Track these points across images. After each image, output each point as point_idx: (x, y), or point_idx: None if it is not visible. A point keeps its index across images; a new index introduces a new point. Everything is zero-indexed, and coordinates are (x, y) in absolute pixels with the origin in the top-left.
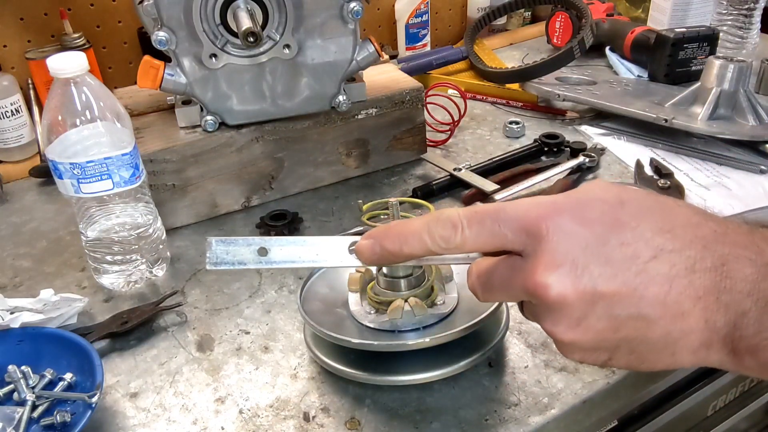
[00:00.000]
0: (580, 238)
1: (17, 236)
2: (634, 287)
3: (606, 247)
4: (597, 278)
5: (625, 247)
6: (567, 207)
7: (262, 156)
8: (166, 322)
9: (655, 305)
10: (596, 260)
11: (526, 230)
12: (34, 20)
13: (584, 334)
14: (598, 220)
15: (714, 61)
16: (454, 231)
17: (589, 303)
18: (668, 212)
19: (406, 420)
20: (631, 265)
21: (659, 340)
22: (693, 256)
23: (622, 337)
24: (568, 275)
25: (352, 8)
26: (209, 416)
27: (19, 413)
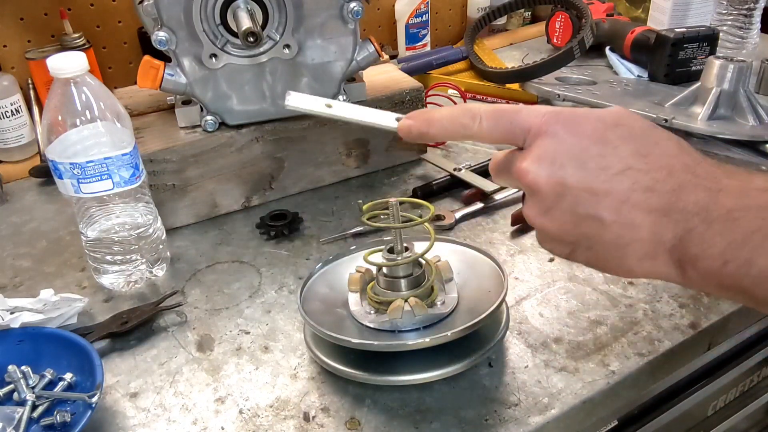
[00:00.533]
0: (566, 143)
1: (17, 236)
2: (597, 191)
3: (585, 155)
4: (569, 176)
5: (601, 158)
6: (566, 118)
7: (262, 156)
8: (166, 322)
9: (611, 210)
10: (573, 163)
11: (529, 130)
12: (34, 20)
13: (551, 222)
14: (587, 134)
15: (714, 61)
16: (472, 121)
17: (558, 195)
18: (652, 140)
19: (406, 420)
20: (600, 173)
21: (611, 242)
22: (656, 179)
23: (581, 233)
24: (546, 168)
25: (352, 8)
26: (209, 416)
27: (19, 413)
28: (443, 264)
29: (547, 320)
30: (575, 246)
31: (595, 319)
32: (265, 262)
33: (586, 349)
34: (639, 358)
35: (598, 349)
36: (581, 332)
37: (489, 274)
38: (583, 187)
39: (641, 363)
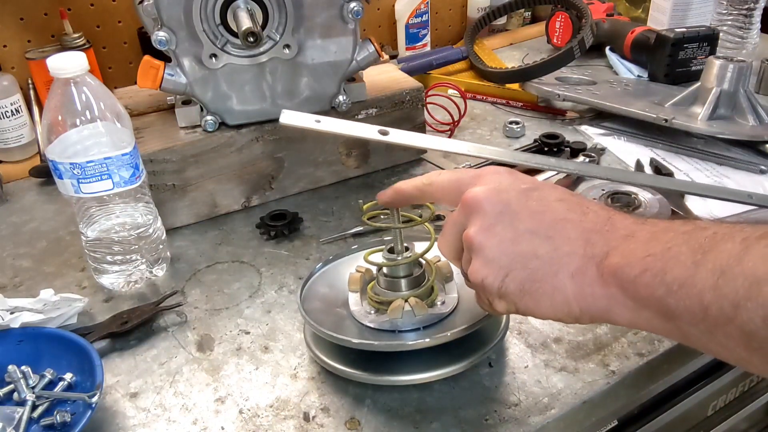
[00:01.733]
0: (510, 179)
1: (17, 236)
2: (536, 211)
3: (526, 188)
4: (512, 199)
5: (539, 191)
6: (508, 170)
7: (262, 156)
8: (166, 322)
9: (549, 227)
10: (515, 190)
11: (477, 174)
12: (34, 20)
13: (490, 238)
14: (530, 179)
15: (714, 61)
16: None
17: (500, 212)
18: (578, 198)
19: (406, 420)
20: (541, 200)
21: (546, 257)
22: (588, 208)
23: (519, 251)
24: (492, 191)
25: (352, 8)
26: (209, 416)
27: (19, 413)
28: (443, 264)
29: (547, 320)
30: (510, 269)
31: None
32: (265, 262)
33: (586, 349)
34: (639, 358)
35: (598, 349)
36: (581, 332)
37: None
38: (524, 209)
39: (641, 363)
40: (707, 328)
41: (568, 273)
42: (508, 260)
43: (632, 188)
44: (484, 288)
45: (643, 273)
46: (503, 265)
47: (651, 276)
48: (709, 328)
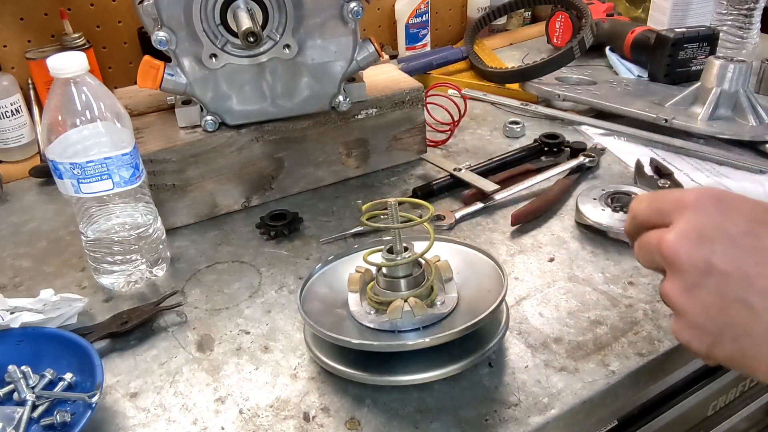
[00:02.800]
0: (716, 219)
1: (17, 236)
2: (747, 273)
3: (736, 233)
4: (716, 252)
5: (755, 238)
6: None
7: (262, 156)
8: (166, 322)
9: (763, 297)
10: (722, 239)
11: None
12: (34, 20)
13: (693, 303)
14: (742, 212)
15: (714, 61)
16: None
17: (702, 272)
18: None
19: (406, 420)
20: (753, 254)
21: (761, 334)
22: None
23: (726, 320)
24: (691, 241)
25: (352, 8)
26: (209, 416)
27: (19, 413)
28: (443, 264)
29: (547, 320)
30: (718, 336)
31: (595, 319)
32: (265, 262)
33: (586, 349)
34: (639, 358)
35: (598, 349)
36: (581, 332)
37: (489, 274)
38: (733, 267)
39: (641, 363)
40: None
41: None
42: (715, 328)
43: (631, 188)
44: (689, 347)
45: None
46: (709, 332)
47: None
48: None
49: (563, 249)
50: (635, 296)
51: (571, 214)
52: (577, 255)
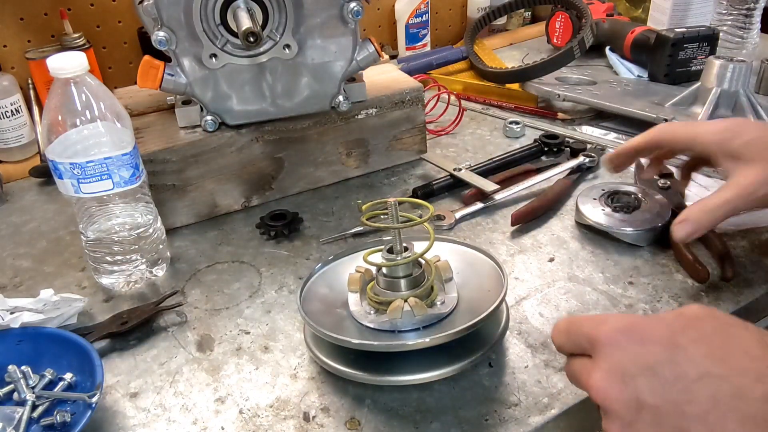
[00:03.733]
0: (632, 352)
1: (17, 236)
2: (676, 402)
3: (656, 363)
4: (641, 389)
5: (674, 365)
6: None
7: (262, 156)
8: (166, 322)
9: (697, 423)
10: (644, 373)
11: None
12: (34, 20)
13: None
14: (654, 339)
15: (714, 61)
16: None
17: (635, 410)
18: (728, 339)
19: (406, 420)
20: (676, 382)
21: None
22: (741, 385)
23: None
24: (616, 382)
25: (352, 8)
26: (209, 416)
27: (19, 413)
28: (443, 264)
29: (547, 320)
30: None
31: None
32: (265, 262)
33: None
34: None
35: None
36: None
37: (489, 274)
38: (662, 400)
39: None
40: None
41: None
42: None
43: (631, 188)
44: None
45: None
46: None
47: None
48: None
49: (563, 249)
50: (635, 296)
51: (571, 214)
52: (577, 255)
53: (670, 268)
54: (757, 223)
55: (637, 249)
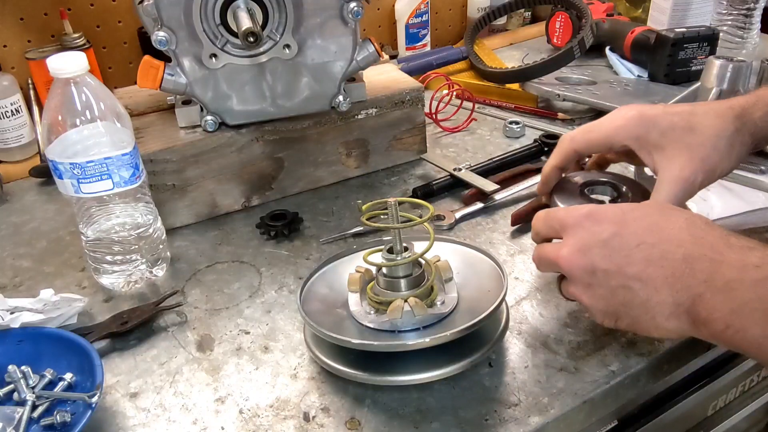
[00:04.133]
0: (591, 231)
1: (17, 236)
2: (620, 265)
3: (607, 237)
4: (596, 258)
5: (620, 238)
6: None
7: (262, 156)
8: (166, 322)
9: (635, 279)
10: (598, 245)
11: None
12: (34, 20)
13: (593, 297)
14: (608, 220)
15: (714, 61)
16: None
17: (591, 274)
18: (663, 217)
19: (406, 420)
20: (621, 250)
21: (642, 306)
22: (666, 250)
23: (618, 301)
24: (577, 253)
25: (352, 8)
26: (209, 416)
27: (19, 413)
28: (443, 264)
29: (547, 320)
30: (618, 314)
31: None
32: (265, 262)
33: (586, 349)
34: (639, 358)
35: (598, 349)
36: (581, 332)
37: (489, 274)
38: (610, 264)
39: (641, 363)
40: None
41: (663, 317)
42: (614, 309)
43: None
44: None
45: (725, 329)
46: (612, 313)
47: (733, 332)
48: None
49: None
50: None
51: None
52: None
53: None
54: (757, 223)
55: None
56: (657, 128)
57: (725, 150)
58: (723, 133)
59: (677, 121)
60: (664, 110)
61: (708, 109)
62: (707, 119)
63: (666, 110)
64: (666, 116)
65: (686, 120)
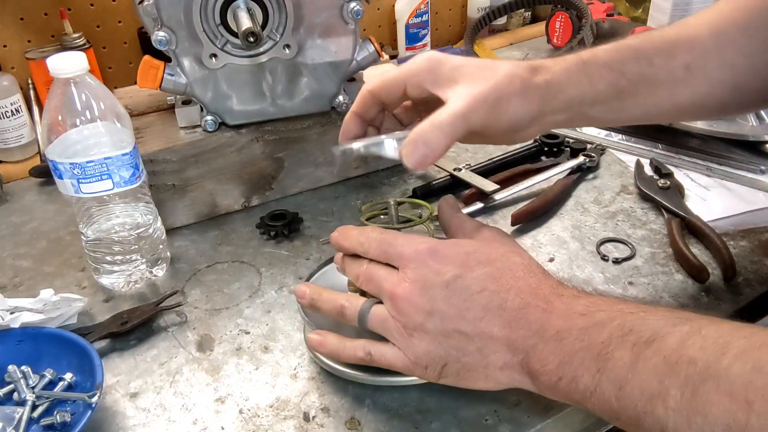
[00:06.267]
0: (434, 269)
1: (17, 236)
2: (460, 309)
3: (449, 279)
4: (437, 298)
5: (461, 279)
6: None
7: (262, 156)
8: (166, 322)
9: (472, 325)
10: (439, 285)
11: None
12: (34, 20)
13: (424, 336)
14: (451, 260)
15: None
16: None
17: (427, 314)
18: (504, 263)
19: (406, 420)
20: (462, 293)
21: (475, 353)
22: (504, 298)
23: (451, 346)
24: (417, 291)
25: (352, 8)
26: (209, 416)
27: (19, 413)
28: None
29: None
30: (447, 360)
31: None
32: (265, 262)
33: None
34: None
35: None
36: None
37: None
38: (448, 306)
39: None
40: (623, 425)
41: (496, 367)
42: (443, 353)
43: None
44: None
45: (559, 381)
46: (440, 358)
47: (566, 383)
48: (624, 426)
49: (563, 249)
50: (635, 296)
51: (572, 214)
52: (577, 255)
53: (670, 268)
54: (757, 223)
55: (637, 249)
56: (450, 63)
57: (519, 86)
58: (518, 72)
59: (471, 61)
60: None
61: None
62: (503, 63)
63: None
64: (460, 57)
65: (481, 60)
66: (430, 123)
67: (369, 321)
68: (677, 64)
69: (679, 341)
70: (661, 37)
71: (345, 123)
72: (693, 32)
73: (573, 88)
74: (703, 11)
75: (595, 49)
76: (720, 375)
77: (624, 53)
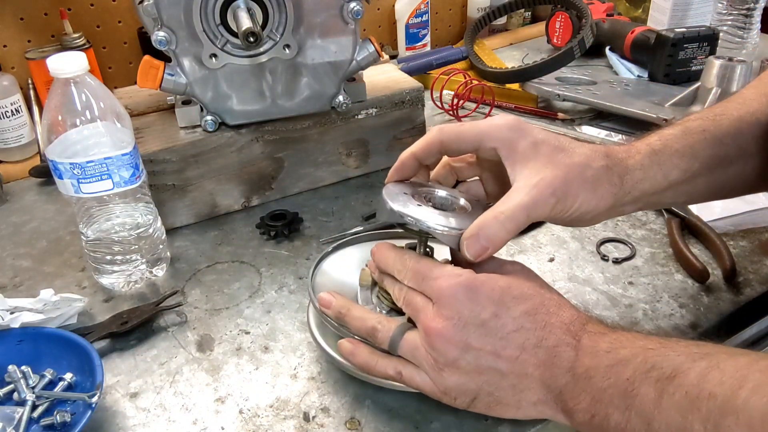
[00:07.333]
0: (469, 306)
1: (17, 236)
2: (495, 348)
3: (486, 317)
4: (471, 335)
5: (498, 318)
6: (468, 285)
7: (262, 156)
8: (166, 322)
9: (507, 363)
10: (475, 323)
11: (439, 292)
12: (34, 20)
13: (456, 372)
14: (488, 298)
15: (714, 61)
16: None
17: (462, 350)
18: (539, 299)
19: (406, 420)
20: (498, 331)
21: (509, 389)
22: (541, 336)
23: (484, 381)
24: (453, 327)
25: (352, 8)
26: (209, 416)
27: (19, 413)
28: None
29: None
30: (478, 393)
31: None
32: (265, 262)
33: None
34: None
35: None
36: None
37: None
38: (484, 344)
39: None
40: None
41: (530, 402)
42: (475, 387)
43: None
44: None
45: (592, 418)
46: (471, 391)
47: (599, 420)
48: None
49: (563, 249)
50: (635, 296)
51: None
52: (577, 255)
53: (670, 268)
54: (757, 223)
55: (637, 249)
56: (530, 137)
57: (590, 181)
58: (592, 164)
59: (551, 139)
60: (539, 128)
61: (581, 143)
62: (580, 147)
63: (542, 128)
64: (542, 131)
65: (560, 140)
66: (494, 216)
67: (401, 348)
68: (745, 140)
69: (699, 376)
70: (725, 117)
71: (401, 162)
72: (756, 107)
73: (647, 182)
74: (754, 83)
75: (663, 136)
76: (738, 409)
77: (694, 137)
